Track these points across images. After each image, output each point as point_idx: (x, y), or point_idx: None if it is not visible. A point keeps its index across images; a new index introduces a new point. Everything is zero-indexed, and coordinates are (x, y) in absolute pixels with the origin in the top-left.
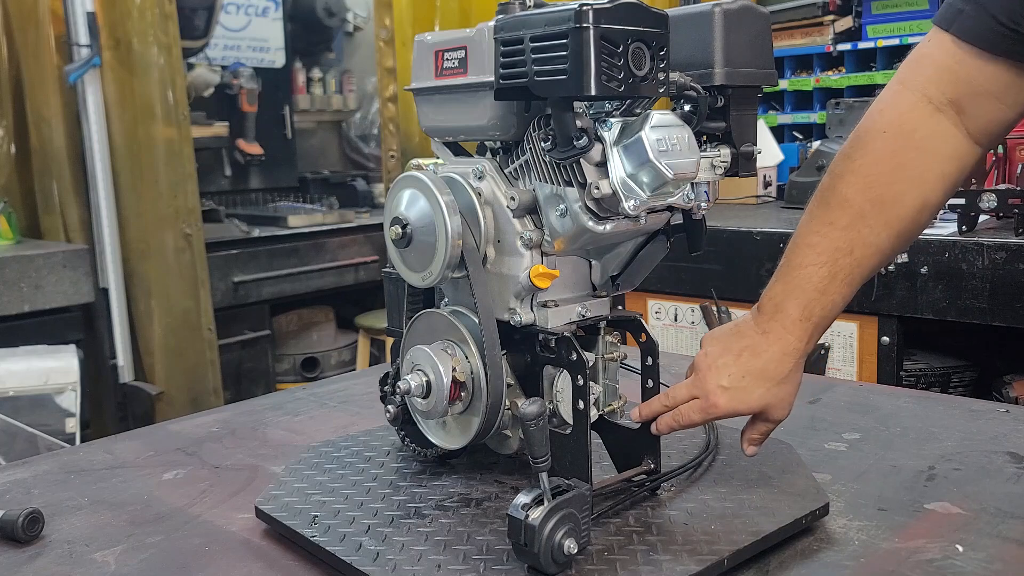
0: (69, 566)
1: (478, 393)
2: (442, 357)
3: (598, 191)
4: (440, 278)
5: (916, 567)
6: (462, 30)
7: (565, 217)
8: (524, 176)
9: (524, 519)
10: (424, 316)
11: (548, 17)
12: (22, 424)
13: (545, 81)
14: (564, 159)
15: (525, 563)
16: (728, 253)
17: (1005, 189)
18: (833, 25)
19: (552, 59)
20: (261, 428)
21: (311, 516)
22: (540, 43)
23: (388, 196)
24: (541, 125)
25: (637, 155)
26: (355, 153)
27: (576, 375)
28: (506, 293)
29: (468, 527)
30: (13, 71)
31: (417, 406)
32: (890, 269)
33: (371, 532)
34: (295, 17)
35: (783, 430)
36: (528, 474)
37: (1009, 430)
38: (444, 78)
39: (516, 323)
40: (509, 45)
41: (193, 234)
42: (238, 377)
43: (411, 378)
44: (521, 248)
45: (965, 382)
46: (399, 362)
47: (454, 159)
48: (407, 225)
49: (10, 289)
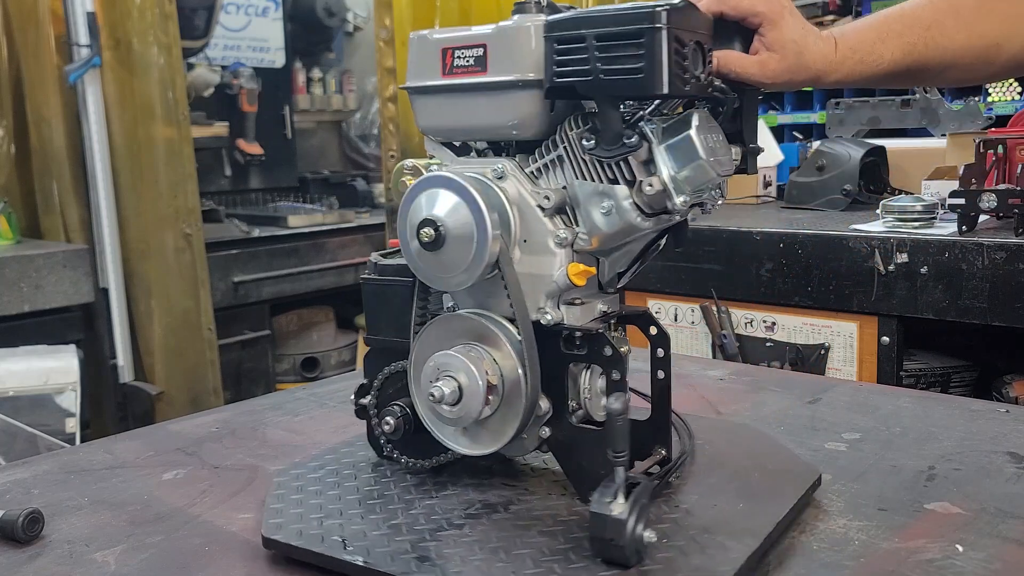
0: (69, 566)
1: (509, 396)
2: (475, 361)
3: (651, 188)
4: (475, 280)
5: (916, 567)
6: (475, 27)
7: (611, 215)
8: (548, 174)
9: (611, 514)
10: (440, 321)
11: (616, 16)
12: (22, 424)
13: (614, 80)
14: (612, 157)
15: (603, 557)
16: (728, 253)
17: (1005, 189)
18: (833, 25)
19: (623, 58)
20: (261, 428)
21: (336, 540)
22: (608, 42)
23: (407, 199)
24: (579, 123)
25: (687, 154)
26: (355, 153)
27: (611, 370)
28: (535, 293)
29: (511, 532)
30: (13, 71)
31: (443, 413)
32: (890, 269)
33: (415, 547)
34: (295, 17)
35: (784, 428)
36: (533, 476)
37: (1009, 430)
38: (455, 76)
39: (547, 322)
40: (566, 43)
41: (193, 234)
42: (238, 377)
43: (442, 384)
44: (554, 247)
45: (965, 382)
46: (388, 372)
47: (461, 159)
48: (440, 227)
49: (10, 289)
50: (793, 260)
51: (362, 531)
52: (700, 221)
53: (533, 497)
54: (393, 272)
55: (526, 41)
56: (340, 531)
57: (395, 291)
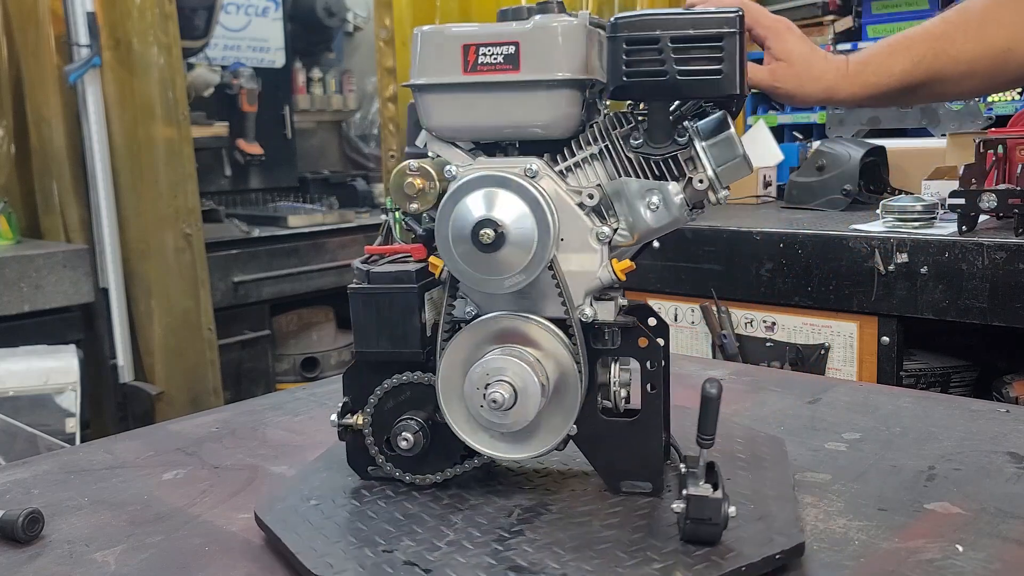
0: (69, 566)
1: (559, 395)
2: (529, 363)
3: (701, 184)
4: (530, 280)
5: (916, 567)
6: (504, 24)
7: (658, 210)
8: (579, 172)
9: (709, 495)
10: (474, 326)
11: (692, 19)
12: (22, 424)
13: (690, 81)
14: (663, 155)
15: (693, 538)
16: (728, 253)
17: (1005, 189)
18: (833, 25)
19: (701, 60)
20: (261, 428)
21: (418, 570)
22: (686, 44)
23: (450, 201)
24: (621, 121)
25: (727, 151)
26: (355, 153)
27: (646, 360)
28: (576, 291)
29: (576, 531)
30: (13, 71)
31: (494, 420)
32: (890, 269)
33: (498, 558)
34: (295, 17)
35: (784, 428)
36: (538, 478)
37: (1009, 430)
38: (481, 74)
39: (587, 319)
40: (636, 44)
41: (193, 234)
42: (238, 377)
43: (500, 389)
44: (596, 244)
45: (965, 382)
46: (388, 386)
47: (485, 159)
48: (500, 227)
49: (10, 289)
50: (793, 260)
51: (420, 553)
52: (700, 221)
53: (560, 497)
54: (392, 280)
55: (567, 40)
56: (413, 557)
57: (393, 300)
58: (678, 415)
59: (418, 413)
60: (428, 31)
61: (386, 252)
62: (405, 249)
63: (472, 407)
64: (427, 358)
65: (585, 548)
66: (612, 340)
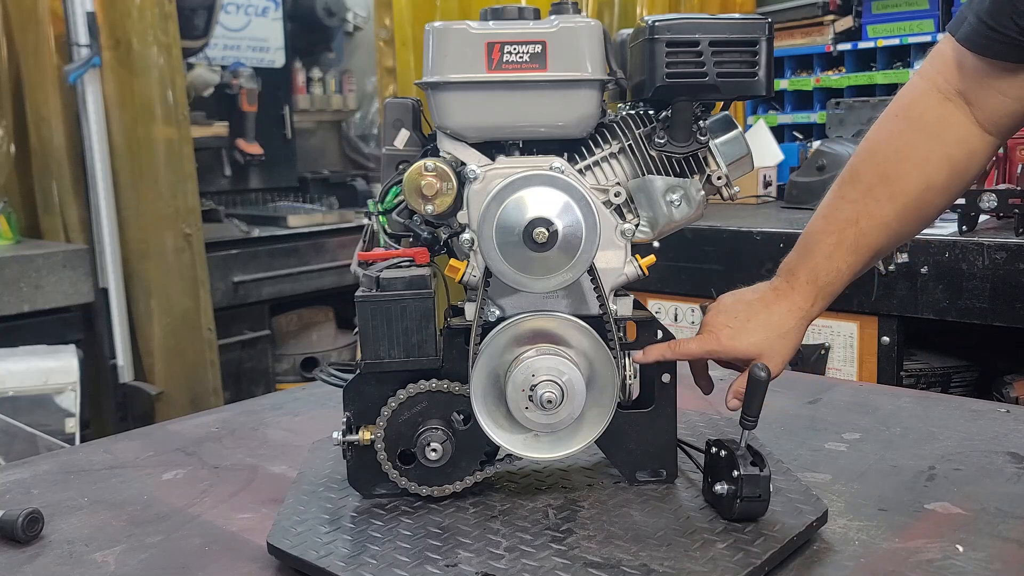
0: (69, 566)
1: (595, 391)
2: (571, 361)
3: (720, 180)
4: (577, 278)
5: (916, 567)
6: (532, 22)
7: (681, 205)
8: (597, 170)
9: (761, 474)
10: (508, 327)
11: (729, 24)
12: (22, 424)
13: (727, 82)
14: (686, 153)
15: (739, 516)
16: (728, 253)
17: (1005, 189)
18: (833, 25)
19: (737, 63)
20: (261, 428)
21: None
22: (724, 47)
23: (495, 200)
24: (644, 121)
25: (737, 148)
26: (355, 153)
27: None
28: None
29: (623, 524)
30: (13, 71)
31: (542, 420)
32: (890, 269)
33: (570, 556)
34: (295, 17)
35: (784, 428)
36: (543, 479)
37: (1009, 430)
38: (507, 71)
39: (615, 314)
40: (678, 47)
41: (193, 234)
42: (238, 377)
43: (551, 388)
44: (619, 241)
45: (965, 382)
46: (404, 397)
47: (508, 159)
48: (553, 226)
49: (10, 289)
50: None
51: (487, 563)
52: (700, 221)
53: (582, 494)
54: (405, 285)
55: (591, 40)
56: (484, 567)
57: (407, 306)
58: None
59: (438, 422)
60: (445, 28)
61: (379, 257)
62: (405, 253)
63: (516, 409)
64: (442, 365)
65: (644, 539)
66: (626, 333)
